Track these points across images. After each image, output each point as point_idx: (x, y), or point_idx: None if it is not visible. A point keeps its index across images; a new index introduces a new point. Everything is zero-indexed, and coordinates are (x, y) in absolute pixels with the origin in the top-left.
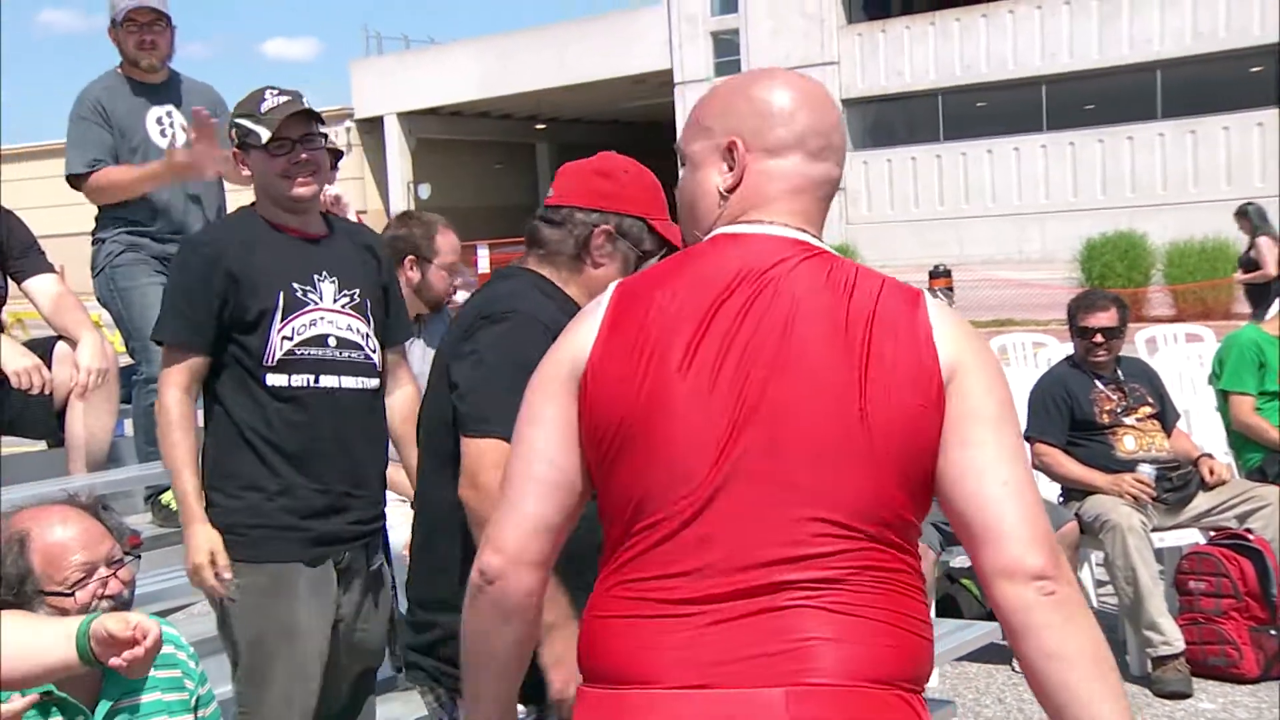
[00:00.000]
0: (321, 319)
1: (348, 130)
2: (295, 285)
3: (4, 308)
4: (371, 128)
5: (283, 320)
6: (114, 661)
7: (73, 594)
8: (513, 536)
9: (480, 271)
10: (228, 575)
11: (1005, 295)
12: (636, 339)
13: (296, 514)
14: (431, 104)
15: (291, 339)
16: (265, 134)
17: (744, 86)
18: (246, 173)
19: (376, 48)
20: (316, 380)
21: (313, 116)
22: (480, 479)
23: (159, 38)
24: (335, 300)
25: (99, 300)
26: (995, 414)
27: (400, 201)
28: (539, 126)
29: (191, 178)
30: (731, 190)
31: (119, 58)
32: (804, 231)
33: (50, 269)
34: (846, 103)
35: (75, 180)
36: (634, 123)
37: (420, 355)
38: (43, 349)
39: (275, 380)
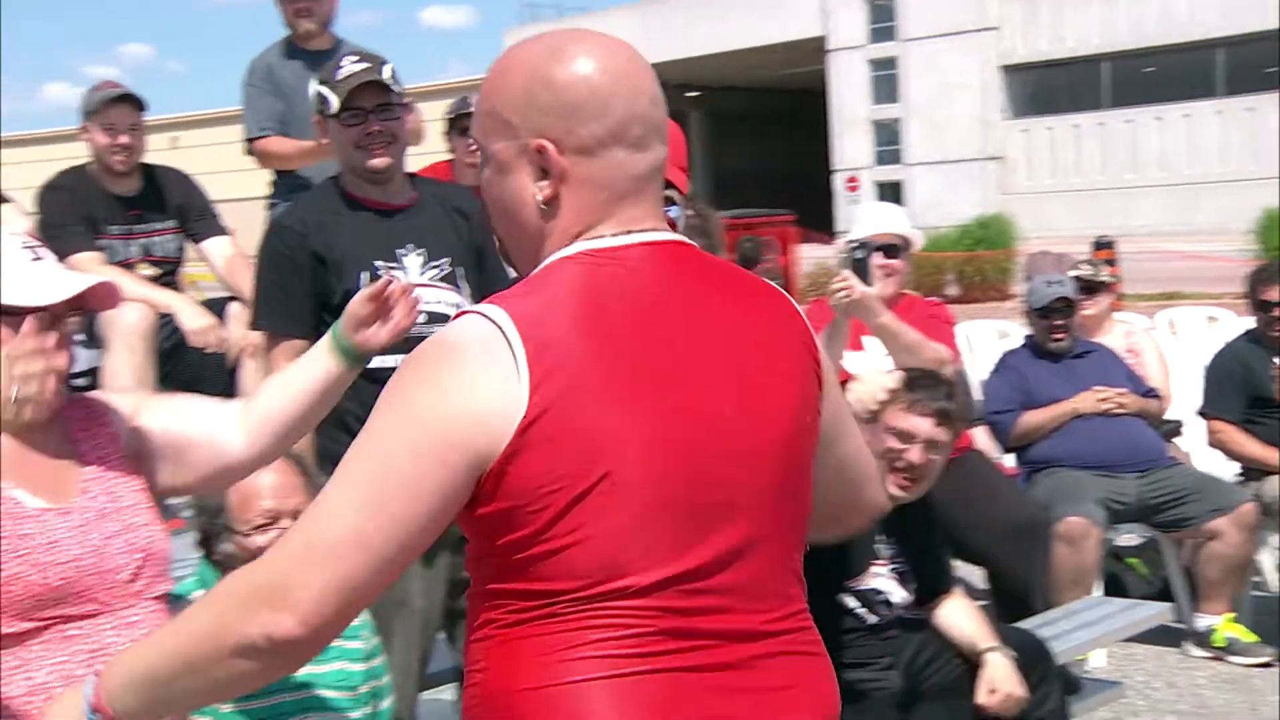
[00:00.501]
0: None
1: None
2: (378, 264)
3: (181, 269)
4: None
5: None
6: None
7: (251, 536)
8: (329, 609)
9: None
10: None
11: (1173, 268)
12: (577, 390)
13: None
14: None
15: None
16: (336, 102)
17: (542, 68)
18: (326, 141)
19: (531, 15)
20: None
21: (387, 87)
22: None
23: (314, 4)
24: (422, 273)
25: None
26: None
27: None
28: (691, 95)
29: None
30: (551, 201)
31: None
32: (657, 230)
33: (224, 231)
34: (1006, 69)
35: (249, 145)
36: (787, 90)
37: None
38: (217, 309)
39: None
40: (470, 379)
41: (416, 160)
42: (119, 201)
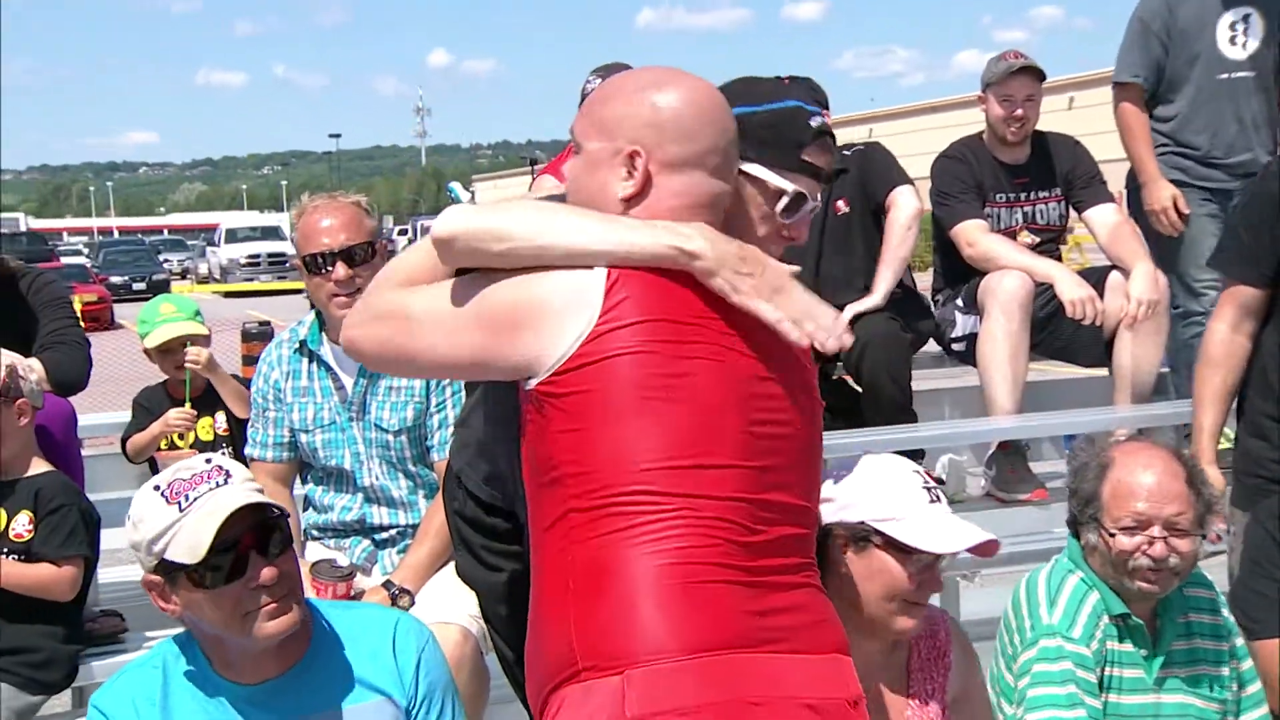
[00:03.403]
0: None
1: None
2: None
3: (1063, 236)
4: None
5: None
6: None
7: (1116, 536)
8: (370, 346)
9: None
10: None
11: None
12: (646, 322)
13: None
14: None
15: None
16: None
17: (647, 89)
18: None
19: None
20: None
21: None
22: None
23: None
24: None
25: None
26: None
27: None
28: None
29: None
30: (630, 200)
31: None
32: None
33: (1110, 199)
34: None
35: (1115, 88)
36: None
37: None
38: (1096, 278)
39: None
40: (554, 286)
41: None
42: (1007, 170)
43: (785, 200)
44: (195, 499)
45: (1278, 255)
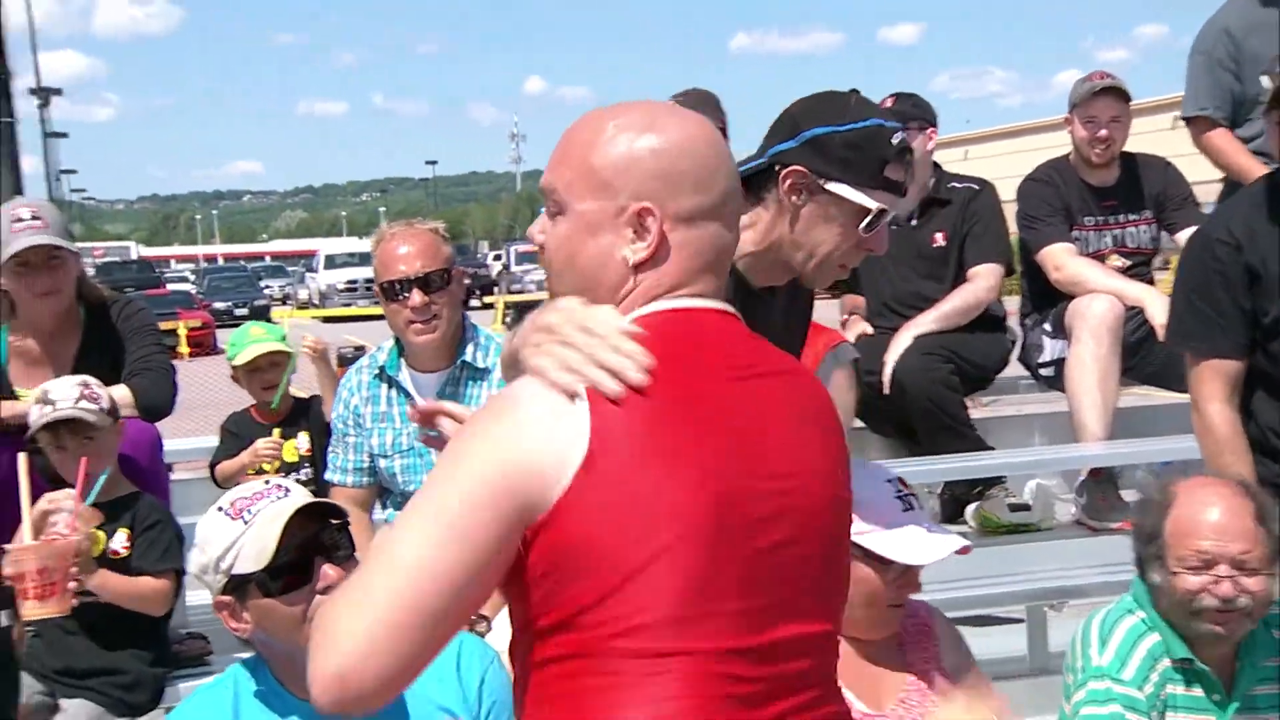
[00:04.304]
0: None
1: None
2: None
3: (1154, 260)
4: None
5: None
6: None
7: (1180, 575)
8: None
9: None
10: None
11: None
12: (636, 449)
13: None
14: None
15: None
16: None
17: (641, 131)
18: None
19: None
20: None
21: None
22: None
23: None
24: None
25: None
26: None
27: None
28: None
29: None
30: (643, 265)
31: None
32: (718, 301)
33: (1203, 220)
34: None
35: (1187, 122)
36: None
37: None
38: None
39: None
40: (530, 425)
41: None
42: (1095, 192)
43: (869, 219)
44: (258, 511)
45: (1247, 324)
